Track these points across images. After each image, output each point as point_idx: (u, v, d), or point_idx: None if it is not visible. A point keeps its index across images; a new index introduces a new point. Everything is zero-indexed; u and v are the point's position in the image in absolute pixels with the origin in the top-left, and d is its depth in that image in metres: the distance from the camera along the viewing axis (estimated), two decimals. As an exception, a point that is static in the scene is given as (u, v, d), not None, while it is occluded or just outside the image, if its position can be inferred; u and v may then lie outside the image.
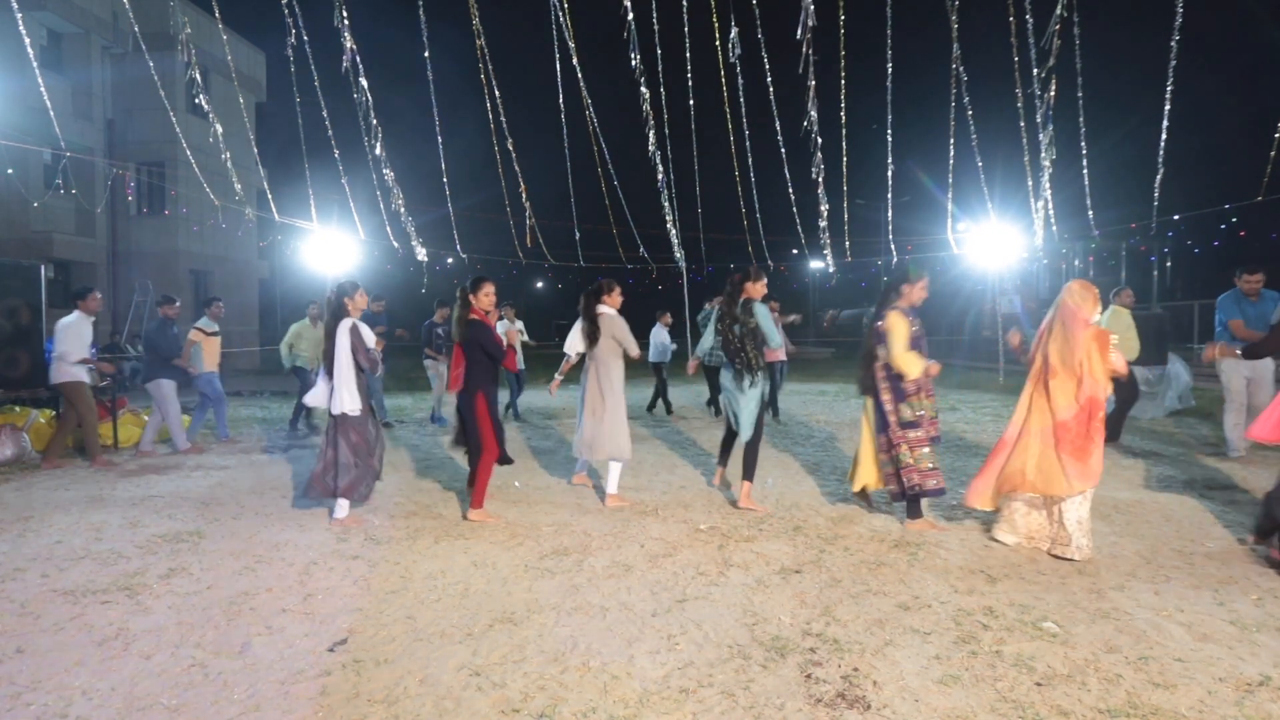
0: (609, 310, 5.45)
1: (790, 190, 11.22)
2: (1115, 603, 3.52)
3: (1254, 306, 6.64)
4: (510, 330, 6.35)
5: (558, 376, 5.81)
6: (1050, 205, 9.66)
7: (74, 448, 7.50)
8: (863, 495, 5.16)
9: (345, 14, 7.83)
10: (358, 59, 8.23)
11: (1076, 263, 21.75)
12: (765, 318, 5.17)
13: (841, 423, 9.81)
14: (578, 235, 13.77)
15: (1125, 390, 7.19)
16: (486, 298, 5.07)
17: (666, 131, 9.52)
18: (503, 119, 9.66)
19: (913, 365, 4.64)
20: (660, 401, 10.71)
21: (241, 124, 19.15)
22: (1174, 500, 5.46)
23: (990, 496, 4.49)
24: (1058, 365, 4.25)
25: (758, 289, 5.27)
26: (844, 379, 15.11)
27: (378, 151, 9.46)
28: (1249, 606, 3.47)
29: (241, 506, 5.47)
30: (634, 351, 5.44)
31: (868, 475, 4.95)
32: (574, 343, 5.54)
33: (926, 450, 4.69)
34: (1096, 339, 4.19)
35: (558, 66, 9.06)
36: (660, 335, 10.68)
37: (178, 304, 8.15)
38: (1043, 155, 8.92)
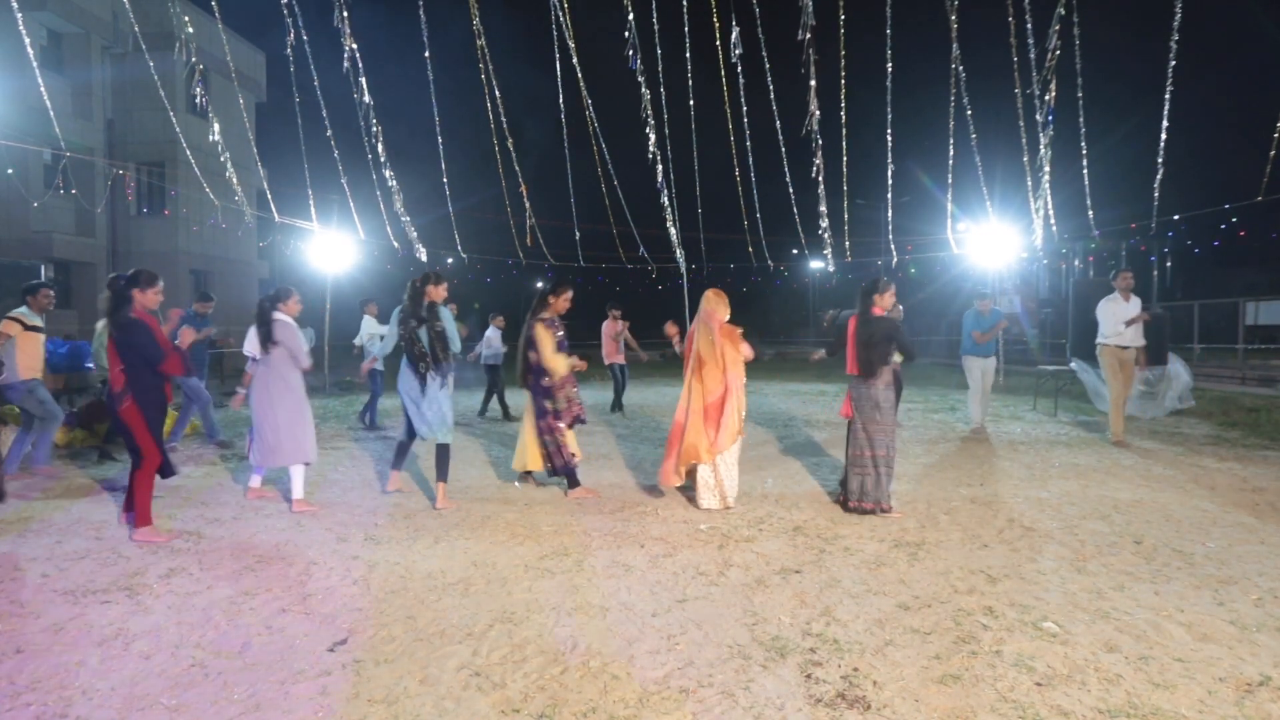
0: (283, 317, 5.42)
1: (790, 190, 11.23)
2: (1115, 603, 3.52)
3: (985, 320, 8.89)
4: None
5: (239, 390, 5.63)
6: (1050, 205, 9.67)
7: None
8: (526, 476, 6.06)
9: (345, 14, 7.84)
10: (358, 59, 8.23)
11: (1077, 263, 21.75)
12: (450, 321, 5.47)
13: (842, 423, 9.81)
14: (578, 235, 13.78)
15: None
16: (155, 296, 4.87)
17: (667, 131, 9.52)
18: (503, 119, 9.67)
19: (559, 366, 5.61)
20: (498, 404, 10.58)
21: (241, 124, 19.17)
22: (1174, 500, 5.46)
23: (677, 473, 5.40)
24: (706, 357, 5.33)
25: (439, 292, 5.50)
26: (843, 379, 15.12)
27: (379, 151, 9.47)
28: (1249, 606, 3.47)
29: (241, 506, 5.47)
30: (304, 363, 5.42)
31: (531, 458, 5.79)
32: (250, 345, 5.49)
33: (570, 432, 5.73)
34: (727, 334, 5.35)
35: (558, 66, 9.07)
36: (493, 338, 10.40)
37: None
38: (1042, 155, 8.93)
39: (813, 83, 8.20)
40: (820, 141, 8.62)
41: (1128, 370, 8.01)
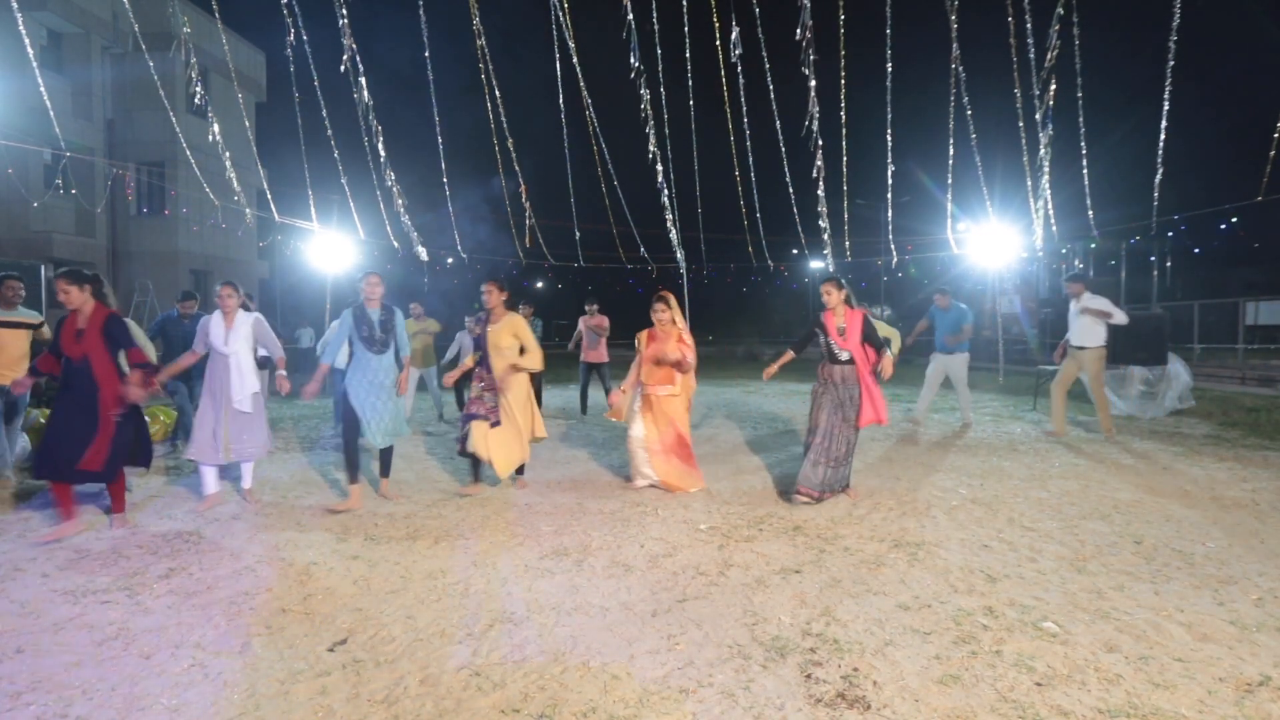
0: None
1: (790, 190, 11.24)
2: (1115, 603, 3.52)
3: (944, 315, 9.00)
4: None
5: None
6: (1050, 205, 9.68)
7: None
8: (517, 473, 6.17)
9: (345, 14, 7.84)
10: (358, 59, 8.23)
11: (1077, 263, 21.76)
12: (341, 323, 5.58)
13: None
14: (578, 235, 13.79)
15: None
16: (59, 292, 4.81)
17: (667, 131, 9.53)
18: (503, 119, 9.68)
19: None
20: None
21: (241, 124, 19.17)
22: (1174, 500, 5.46)
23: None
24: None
25: (369, 290, 5.55)
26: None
27: (379, 151, 9.47)
28: (1249, 606, 3.47)
29: (241, 506, 5.46)
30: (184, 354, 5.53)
31: (509, 457, 5.84)
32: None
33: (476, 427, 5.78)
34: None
35: (558, 67, 9.07)
36: (466, 339, 10.13)
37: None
38: (1042, 155, 8.94)
39: (812, 83, 8.20)
40: (820, 142, 8.63)
41: (1082, 368, 8.20)
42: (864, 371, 5.53)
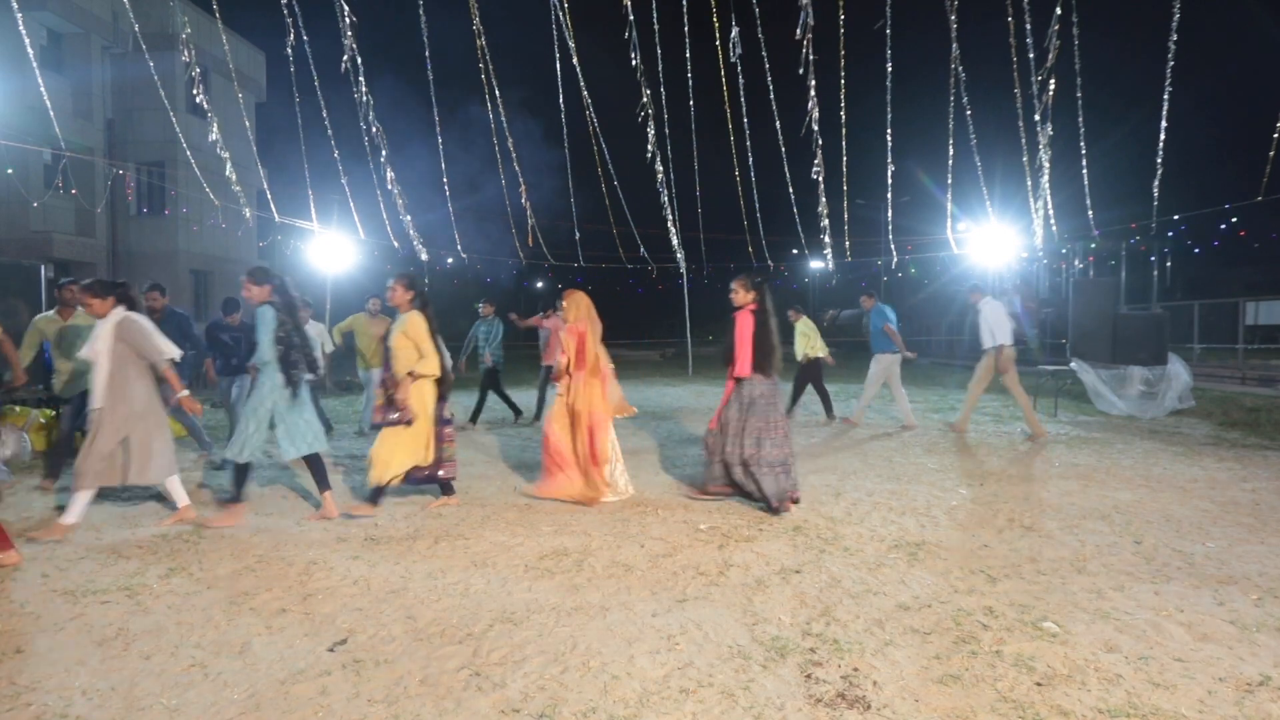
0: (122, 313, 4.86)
1: (790, 190, 11.24)
2: (1115, 603, 3.52)
3: (871, 316, 9.44)
4: None
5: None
6: (1050, 205, 9.68)
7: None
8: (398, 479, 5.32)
9: (346, 13, 7.84)
10: (358, 58, 8.24)
11: (1077, 263, 21.74)
12: (262, 323, 5.00)
13: (841, 426, 9.81)
14: (578, 235, 13.80)
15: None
16: None
17: (667, 131, 9.54)
18: (503, 119, 9.68)
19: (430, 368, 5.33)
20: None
21: (241, 124, 19.16)
22: (1174, 500, 5.46)
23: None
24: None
25: (256, 292, 5.09)
26: (843, 379, 15.12)
27: (380, 150, 9.47)
28: (1249, 606, 3.47)
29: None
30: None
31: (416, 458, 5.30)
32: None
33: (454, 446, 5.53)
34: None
35: (558, 67, 9.07)
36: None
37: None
38: (1041, 155, 8.94)
39: (812, 82, 8.20)
40: (820, 141, 8.63)
41: (993, 368, 8.69)
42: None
